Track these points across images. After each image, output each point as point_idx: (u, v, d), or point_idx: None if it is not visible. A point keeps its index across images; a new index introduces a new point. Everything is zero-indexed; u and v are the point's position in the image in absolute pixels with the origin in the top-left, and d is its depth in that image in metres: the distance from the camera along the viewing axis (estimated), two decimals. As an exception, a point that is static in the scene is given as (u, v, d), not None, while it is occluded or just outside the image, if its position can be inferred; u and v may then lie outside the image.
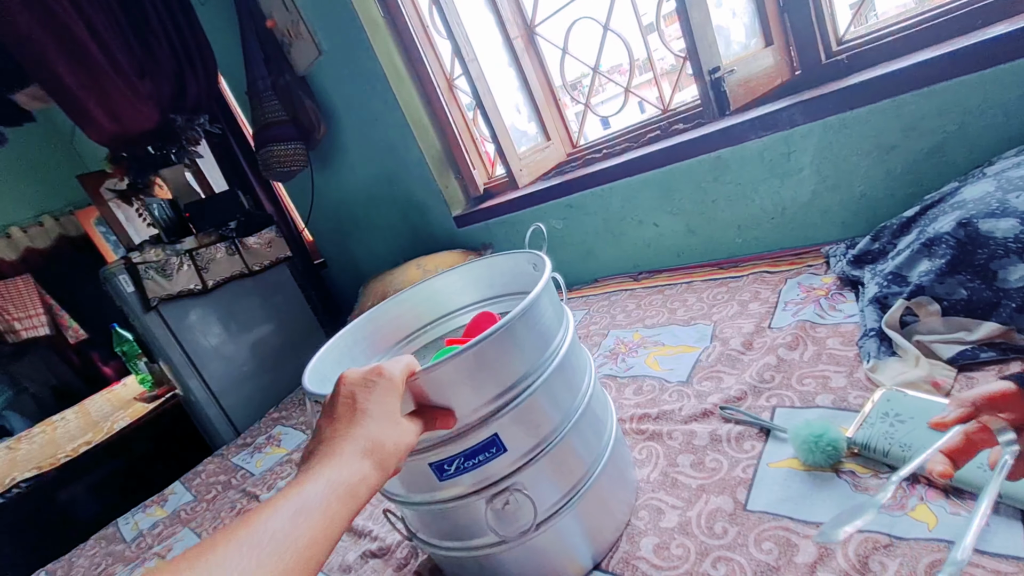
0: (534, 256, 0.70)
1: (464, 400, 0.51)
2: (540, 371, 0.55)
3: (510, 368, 0.53)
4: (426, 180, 1.74)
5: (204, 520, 1.21)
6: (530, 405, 0.54)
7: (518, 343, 0.53)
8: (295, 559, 0.33)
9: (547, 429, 0.56)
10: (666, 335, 0.99)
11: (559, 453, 0.56)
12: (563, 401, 0.58)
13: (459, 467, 0.52)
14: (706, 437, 0.71)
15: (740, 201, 1.14)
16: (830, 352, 0.75)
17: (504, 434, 0.52)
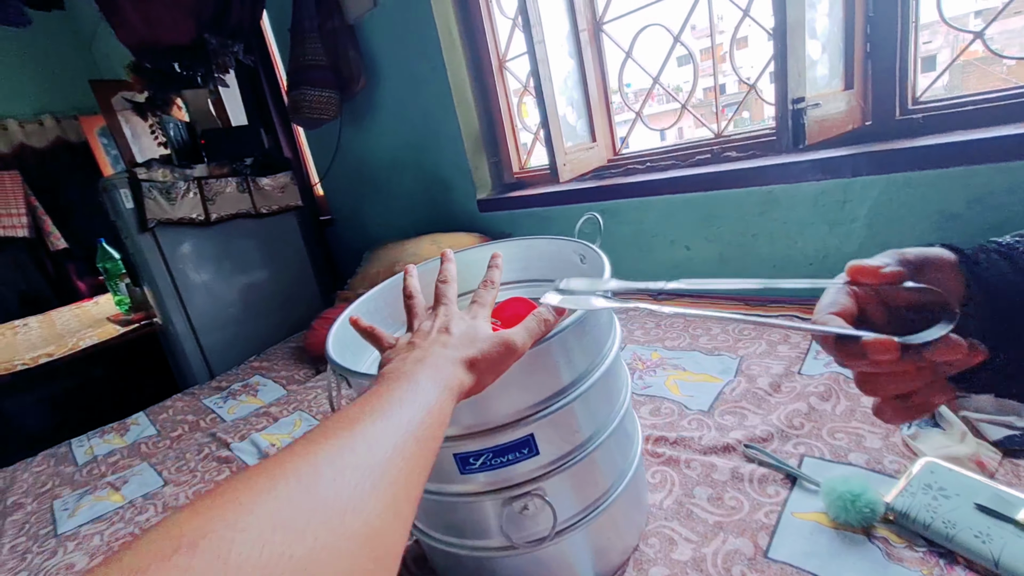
0: (584, 248, 0.66)
1: (506, 397, 0.47)
2: (587, 377, 0.51)
3: (559, 370, 0.49)
4: (458, 157, 1.69)
5: (167, 458, 1.15)
6: (570, 410, 0.50)
7: (572, 346, 0.49)
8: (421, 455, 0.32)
9: (581, 438, 0.52)
10: (688, 360, 0.96)
11: (587, 465, 0.52)
12: (600, 412, 0.54)
13: (485, 463, 0.48)
14: (727, 473, 0.67)
15: (782, 240, 1.11)
16: (864, 410, 0.73)
17: (539, 436, 0.48)
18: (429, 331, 0.43)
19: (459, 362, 0.40)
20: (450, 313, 0.45)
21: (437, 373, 0.38)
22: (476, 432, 0.47)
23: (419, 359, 0.39)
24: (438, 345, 0.41)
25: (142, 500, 0.99)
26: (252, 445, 1.10)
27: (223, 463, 1.06)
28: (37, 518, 1.01)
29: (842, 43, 0.95)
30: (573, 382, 0.50)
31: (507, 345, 0.42)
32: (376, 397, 0.34)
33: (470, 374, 0.40)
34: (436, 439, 0.34)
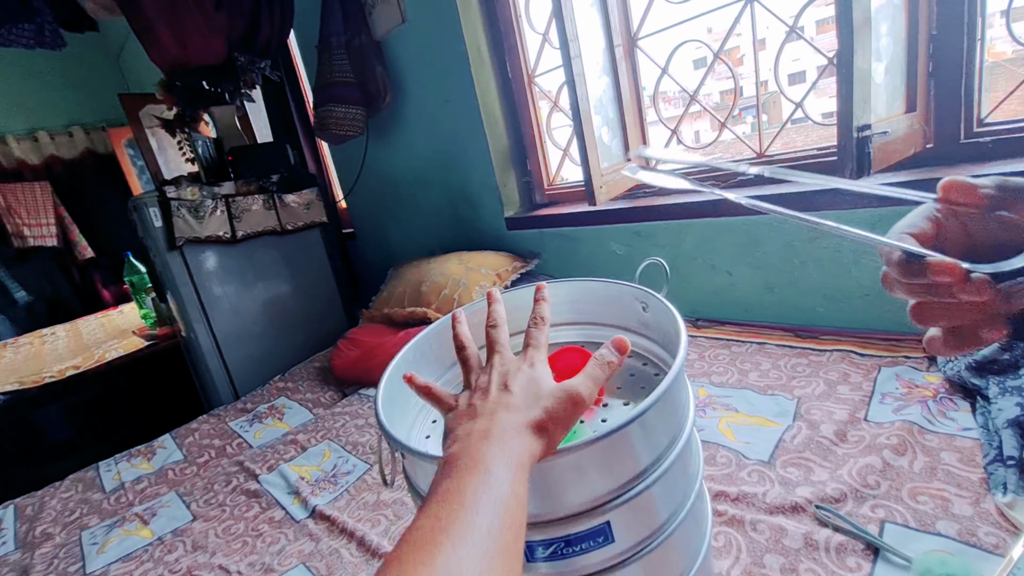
0: (648, 295, 0.62)
1: (583, 484, 0.42)
2: (669, 453, 0.46)
3: (636, 456, 0.44)
4: (486, 174, 1.65)
5: (195, 487, 1.13)
6: (650, 495, 0.45)
7: (655, 422, 0.45)
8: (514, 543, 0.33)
9: (658, 521, 0.47)
10: (739, 400, 0.90)
11: (664, 550, 0.47)
12: (677, 491, 0.49)
13: (555, 552, 0.44)
14: (799, 539, 0.62)
15: (834, 269, 1.05)
16: (946, 468, 0.67)
17: (616, 523, 0.44)
18: (488, 388, 0.41)
19: (527, 428, 0.38)
20: (507, 363, 0.43)
21: (506, 452, 0.36)
22: (546, 521, 0.43)
23: (485, 433, 0.37)
24: (502, 410, 0.39)
25: (171, 537, 0.96)
26: (281, 478, 1.07)
27: (252, 497, 1.04)
28: (66, 552, 0.99)
29: (904, 63, 0.90)
30: (657, 458, 0.45)
31: (574, 398, 0.40)
32: (447, 504, 0.32)
33: (539, 439, 0.38)
34: (519, 530, 0.34)
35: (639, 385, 0.57)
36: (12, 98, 3.47)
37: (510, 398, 0.40)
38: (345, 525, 0.87)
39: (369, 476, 1.01)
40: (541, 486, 0.42)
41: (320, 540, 0.86)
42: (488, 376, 0.42)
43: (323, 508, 0.93)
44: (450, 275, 1.53)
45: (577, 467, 0.42)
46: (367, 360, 1.44)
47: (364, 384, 1.45)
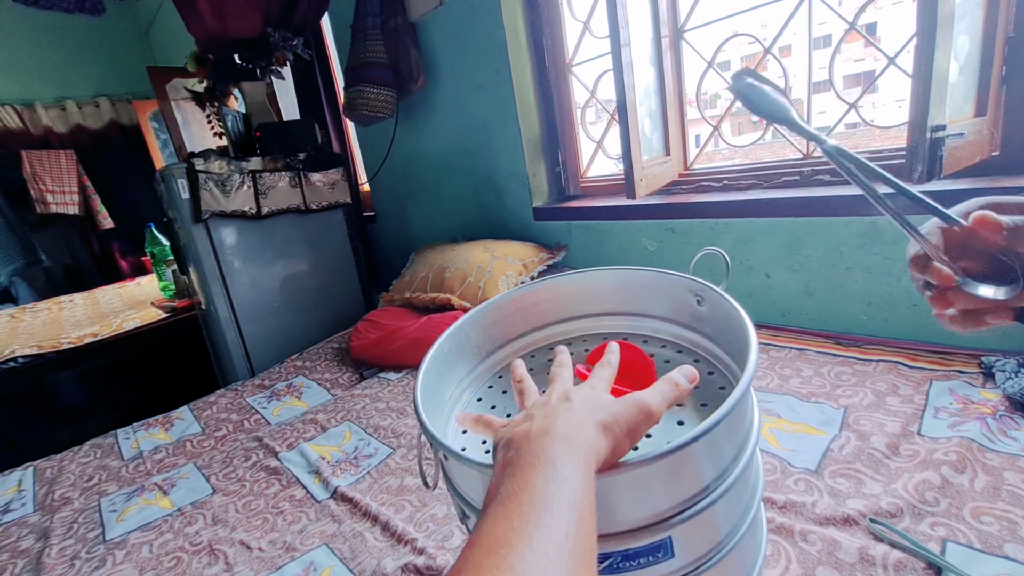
0: (704, 288, 0.59)
1: (644, 502, 0.40)
2: (732, 470, 0.43)
3: (700, 472, 0.41)
4: (515, 163, 1.63)
5: (213, 460, 1.12)
6: (712, 511, 0.42)
7: (721, 437, 0.42)
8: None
9: (718, 537, 0.44)
10: (781, 406, 0.87)
11: (723, 564, 0.45)
12: (737, 508, 0.46)
13: (612, 566, 0.41)
14: (854, 553, 0.59)
15: (881, 276, 1.02)
16: (1011, 489, 0.63)
17: (678, 538, 0.41)
18: (547, 401, 0.39)
19: (592, 425, 0.35)
20: (567, 384, 0.41)
21: (572, 446, 0.33)
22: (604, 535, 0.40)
23: (545, 430, 0.34)
24: (563, 411, 0.36)
25: (191, 508, 0.95)
26: (301, 456, 1.06)
27: (272, 474, 1.02)
28: (85, 517, 0.98)
29: (978, 65, 0.85)
30: (720, 475, 0.42)
31: (642, 407, 0.37)
32: (516, 504, 0.30)
33: (605, 438, 0.35)
34: (594, 536, 0.31)
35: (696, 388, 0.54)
36: (42, 66, 3.49)
37: (570, 404, 0.37)
38: (368, 508, 0.85)
39: (392, 460, 0.99)
40: (600, 500, 0.40)
41: (343, 522, 0.84)
42: (547, 393, 0.40)
43: (345, 490, 0.91)
44: (475, 262, 1.50)
45: (639, 483, 0.39)
46: (387, 343, 1.42)
47: (382, 367, 1.44)
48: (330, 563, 0.76)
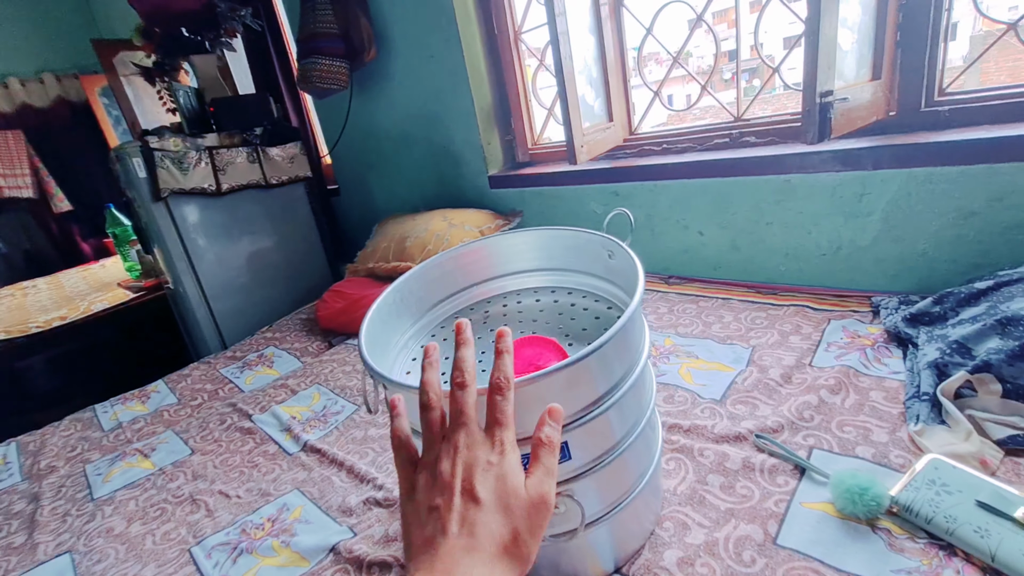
0: (614, 244, 0.68)
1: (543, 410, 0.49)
2: (621, 385, 0.53)
3: (596, 383, 0.51)
4: (469, 132, 1.67)
5: (190, 426, 1.19)
6: (604, 418, 0.52)
7: (610, 357, 0.51)
8: None
9: (611, 442, 0.54)
10: (700, 348, 0.98)
11: (615, 466, 0.55)
12: (629, 417, 0.56)
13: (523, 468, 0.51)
14: (739, 462, 0.71)
15: (796, 230, 1.12)
16: (873, 404, 0.76)
17: (573, 443, 0.51)
18: (451, 487, 0.36)
19: (497, 559, 0.34)
20: (473, 448, 0.38)
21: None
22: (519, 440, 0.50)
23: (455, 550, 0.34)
24: (463, 541, 0.34)
25: (172, 468, 1.03)
26: (273, 417, 1.14)
27: (246, 434, 1.10)
28: (72, 481, 1.05)
29: (873, 32, 0.94)
30: (609, 390, 0.52)
31: (544, 503, 0.38)
32: None
33: (514, 564, 0.35)
34: None
35: (603, 327, 0.63)
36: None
37: (477, 514, 0.35)
38: (335, 456, 0.94)
39: (357, 415, 1.08)
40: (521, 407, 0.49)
41: (312, 469, 0.93)
42: (451, 463, 0.37)
43: (314, 443, 1.00)
44: (433, 231, 1.57)
45: (541, 394, 0.48)
46: (352, 311, 1.50)
47: (349, 335, 1.51)
48: (301, 503, 0.85)
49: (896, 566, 0.54)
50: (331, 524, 0.79)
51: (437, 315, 0.78)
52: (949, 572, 0.53)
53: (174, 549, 0.81)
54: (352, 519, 0.78)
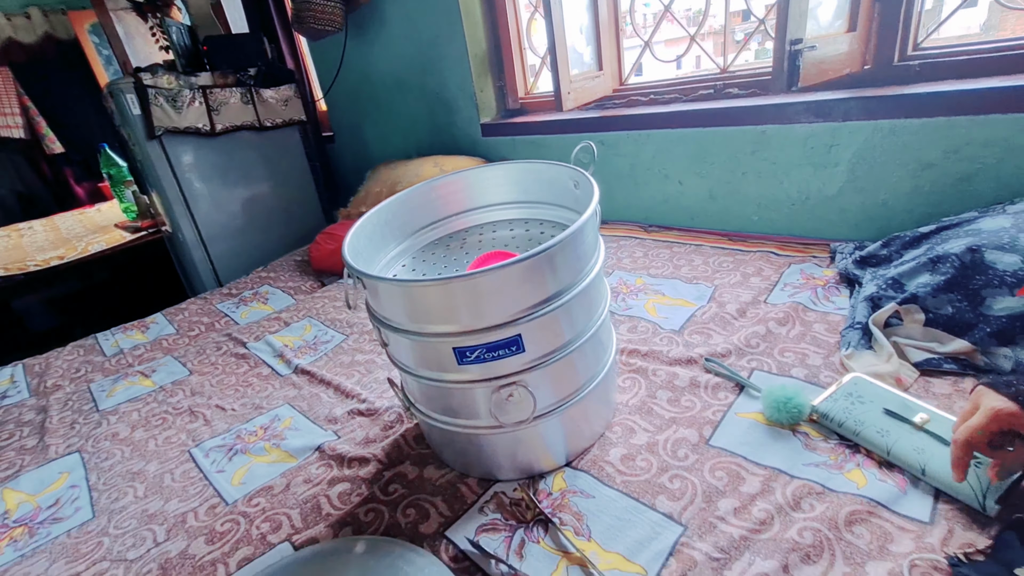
0: (578, 174, 0.73)
1: (501, 303, 0.55)
2: (571, 289, 0.59)
3: (547, 281, 0.57)
4: (463, 79, 1.68)
5: (188, 353, 1.27)
6: (554, 317, 0.58)
7: (559, 262, 0.57)
8: None
9: (560, 341, 0.61)
10: (668, 287, 1.05)
11: (564, 364, 0.62)
12: (579, 321, 0.63)
13: (479, 356, 0.58)
14: (686, 380, 0.78)
15: (769, 180, 1.17)
16: (814, 335, 0.83)
17: (526, 336, 0.57)
18: None
19: None
20: None
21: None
22: (473, 330, 0.56)
23: None
24: None
25: (172, 385, 1.11)
26: (267, 345, 1.21)
27: (241, 359, 1.18)
28: (78, 396, 1.13)
29: (851, -18, 0.96)
30: (558, 292, 0.58)
31: None
32: None
33: None
34: None
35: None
36: (-41, -29, 3.21)
37: None
38: (324, 377, 1.02)
39: (346, 344, 1.15)
40: (470, 301, 0.55)
41: (302, 388, 1.01)
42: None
43: (305, 366, 1.08)
44: (424, 176, 1.60)
45: (499, 287, 0.54)
46: (345, 252, 1.55)
47: (341, 275, 1.57)
48: (291, 415, 0.93)
49: (808, 460, 0.62)
50: (317, 430, 0.87)
51: (419, 240, 0.84)
52: (851, 464, 0.61)
53: (175, 450, 0.89)
54: (336, 425, 0.86)
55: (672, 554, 0.55)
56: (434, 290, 0.56)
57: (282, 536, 0.66)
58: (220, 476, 0.80)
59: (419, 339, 0.59)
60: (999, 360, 0.67)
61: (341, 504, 0.70)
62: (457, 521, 0.64)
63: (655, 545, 0.56)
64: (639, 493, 0.62)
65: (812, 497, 0.58)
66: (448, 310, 0.56)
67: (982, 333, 0.68)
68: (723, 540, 0.55)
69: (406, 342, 0.62)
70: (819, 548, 0.53)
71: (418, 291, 0.57)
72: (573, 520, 0.61)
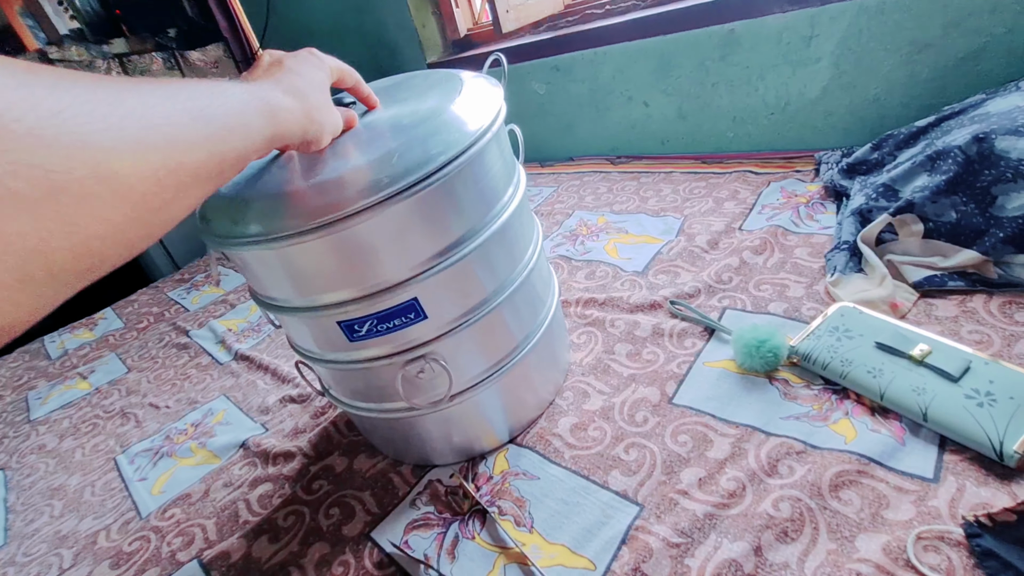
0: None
1: (387, 256, 0.44)
2: (477, 234, 0.47)
3: (442, 226, 0.45)
4: (401, 15, 1.50)
5: (131, 348, 1.18)
6: (460, 270, 0.47)
7: (455, 197, 0.45)
8: (208, 131, 0.26)
9: (477, 299, 0.50)
10: (632, 223, 0.92)
11: (487, 325, 0.51)
12: (500, 270, 0.52)
13: (371, 330, 0.47)
14: (648, 329, 0.67)
15: (743, 88, 1.02)
16: (795, 261, 0.71)
17: (425, 299, 0.46)
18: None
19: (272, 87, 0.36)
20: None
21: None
22: (359, 298, 0.45)
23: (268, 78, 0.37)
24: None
25: (107, 386, 1.02)
26: (209, 331, 1.12)
27: (182, 349, 1.08)
28: (14, 407, 1.05)
29: None
30: (460, 239, 0.46)
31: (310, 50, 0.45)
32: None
33: (288, 97, 0.36)
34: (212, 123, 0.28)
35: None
36: None
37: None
38: (262, 361, 0.92)
39: (289, 322, 1.05)
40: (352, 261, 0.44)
41: (240, 376, 0.92)
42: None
43: (245, 351, 0.98)
44: (370, 129, 1.45)
45: (381, 241, 0.43)
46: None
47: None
48: (225, 407, 0.84)
49: (786, 413, 0.52)
50: (247, 423, 0.78)
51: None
52: (838, 414, 0.51)
53: (101, 459, 0.81)
54: (267, 416, 0.78)
55: (625, 541, 0.46)
56: (274, 253, 0.44)
57: (192, 553, 0.58)
58: (141, 485, 0.72)
59: (302, 316, 0.48)
60: (1016, 270, 0.56)
61: (260, 508, 0.61)
62: (386, 518, 0.55)
63: (606, 532, 0.47)
64: (590, 470, 0.53)
65: (791, 458, 0.48)
66: (318, 274, 0.45)
67: (994, 239, 0.56)
68: (685, 520, 0.46)
69: (289, 320, 0.51)
70: (798, 522, 0.43)
71: (264, 255, 0.45)
72: (514, 508, 0.52)
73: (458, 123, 0.46)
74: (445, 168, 0.42)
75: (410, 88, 0.56)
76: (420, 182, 0.41)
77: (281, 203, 0.42)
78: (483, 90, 0.52)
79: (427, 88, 0.54)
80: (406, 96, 0.54)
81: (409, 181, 0.40)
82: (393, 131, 0.46)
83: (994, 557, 0.37)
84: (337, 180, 0.41)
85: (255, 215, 0.43)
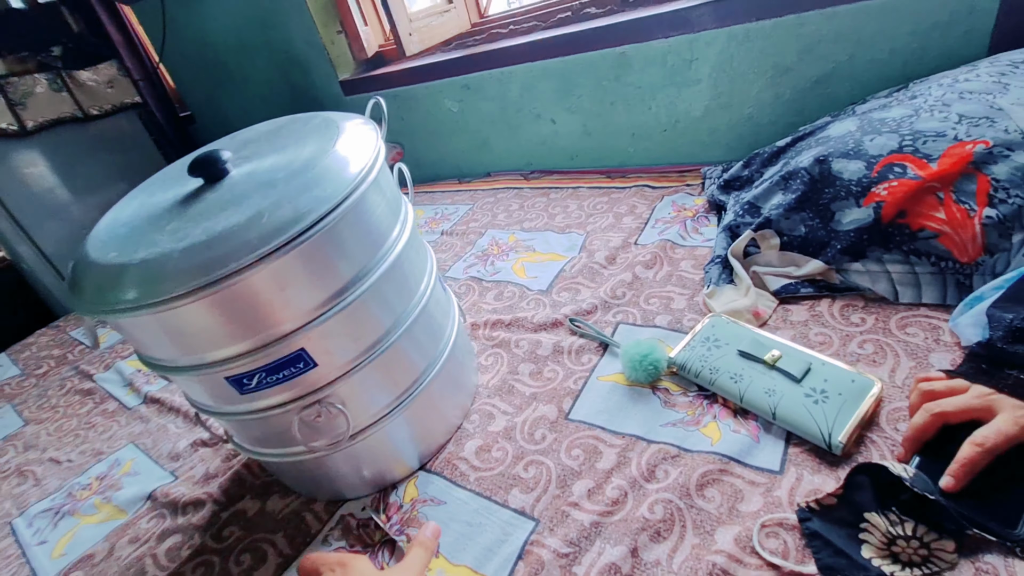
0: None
1: (272, 310, 0.45)
2: (367, 275, 0.49)
3: (328, 273, 0.47)
4: (308, 32, 1.47)
5: (29, 397, 1.10)
6: (353, 312, 0.49)
7: (339, 244, 0.47)
8: None
9: (374, 337, 0.52)
10: (539, 241, 0.97)
11: (387, 360, 0.53)
12: (395, 305, 0.54)
13: (261, 381, 0.48)
14: (550, 348, 0.72)
15: (638, 106, 1.09)
16: (681, 274, 0.78)
17: (314, 347, 0.48)
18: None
19: None
20: None
21: None
22: (245, 353, 0.46)
23: None
24: None
25: (1, 443, 0.96)
26: (117, 374, 1.06)
27: (86, 395, 1.03)
28: None
29: None
30: (350, 282, 0.48)
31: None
32: None
33: None
34: None
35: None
36: None
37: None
38: (173, 403, 0.89)
39: (203, 358, 1.02)
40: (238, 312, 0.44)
41: (150, 420, 0.89)
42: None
43: (155, 393, 0.94)
44: (283, 151, 1.42)
45: (266, 297, 0.44)
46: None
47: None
48: (133, 456, 0.81)
49: (666, 420, 0.58)
50: (157, 471, 0.76)
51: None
52: (708, 418, 0.57)
53: (-5, 525, 0.76)
54: (178, 463, 0.76)
55: (521, 557, 0.50)
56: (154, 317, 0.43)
57: (95, 618, 0.57)
58: (40, 550, 0.69)
59: (190, 374, 0.49)
60: (854, 277, 0.64)
61: (168, 562, 0.60)
62: (298, 559, 0.56)
63: (504, 549, 0.51)
64: (491, 490, 0.57)
65: (667, 463, 0.53)
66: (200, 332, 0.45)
67: (833, 251, 0.65)
68: (573, 531, 0.50)
69: (177, 378, 0.51)
70: (669, 522, 0.48)
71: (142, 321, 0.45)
72: (422, 535, 0.54)
73: (332, 174, 0.47)
74: (318, 224, 0.44)
75: (290, 134, 0.57)
76: (294, 239, 0.42)
77: (156, 267, 0.42)
78: (361, 136, 0.53)
79: (306, 134, 0.55)
80: (285, 143, 0.55)
81: (281, 240, 0.42)
82: (266, 187, 0.47)
83: (819, 537, 0.43)
84: (208, 241, 0.42)
85: (131, 281, 0.43)
